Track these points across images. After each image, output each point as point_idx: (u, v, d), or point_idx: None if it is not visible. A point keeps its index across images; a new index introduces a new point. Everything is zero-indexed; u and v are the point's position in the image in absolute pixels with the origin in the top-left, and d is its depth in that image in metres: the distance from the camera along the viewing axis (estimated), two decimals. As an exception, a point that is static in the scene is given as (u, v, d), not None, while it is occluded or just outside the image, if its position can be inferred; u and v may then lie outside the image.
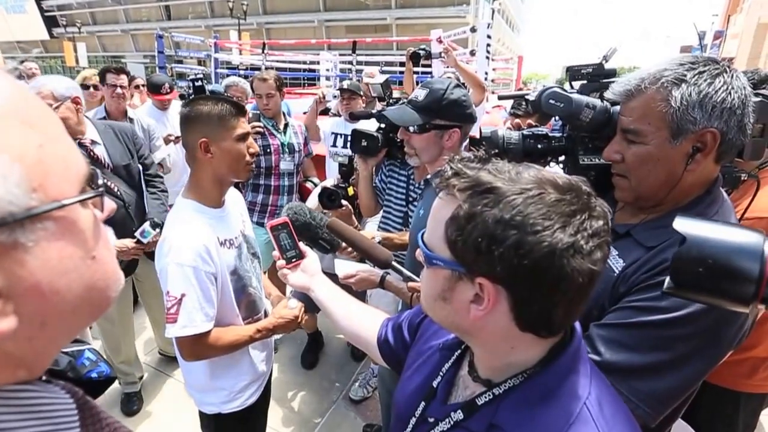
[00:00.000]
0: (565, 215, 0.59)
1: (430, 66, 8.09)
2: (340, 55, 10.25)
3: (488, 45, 6.71)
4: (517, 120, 1.55)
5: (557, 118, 1.41)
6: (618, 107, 1.13)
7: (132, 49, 47.40)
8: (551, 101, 1.20)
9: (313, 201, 2.78)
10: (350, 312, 1.25)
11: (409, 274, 1.42)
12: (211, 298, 1.48)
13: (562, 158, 1.41)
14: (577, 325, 0.74)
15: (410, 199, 2.40)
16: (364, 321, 1.22)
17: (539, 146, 1.38)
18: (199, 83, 3.38)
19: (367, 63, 9.69)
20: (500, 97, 1.87)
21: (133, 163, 2.63)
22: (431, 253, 0.70)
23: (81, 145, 2.38)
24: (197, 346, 1.49)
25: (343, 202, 2.40)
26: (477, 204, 0.62)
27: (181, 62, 12.40)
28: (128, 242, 2.44)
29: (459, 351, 0.86)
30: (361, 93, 3.71)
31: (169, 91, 3.96)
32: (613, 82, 1.25)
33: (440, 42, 7.30)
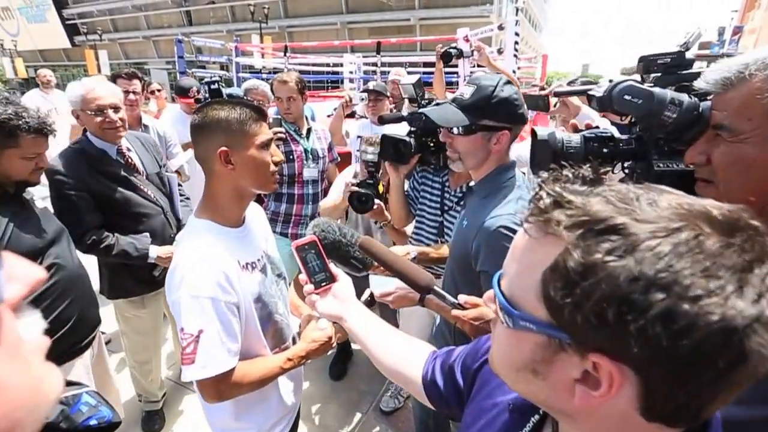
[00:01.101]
0: (738, 270, 0.40)
1: (455, 66, 7.91)
2: (363, 56, 10.11)
3: (516, 43, 6.49)
4: (573, 120, 1.36)
5: (626, 117, 1.22)
6: (708, 103, 0.95)
7: (154, 56, 48.08)
8: (626, 97, 1.01)
9: (334, 195, 2.68)
10: (389, 344, 1.08)
11: (453, 300, 1.24)
12: (233, 331, 1.30)
13: (627, 164, 1.22)
14: None
15: (445, 208, 2.23)
16: (405, 355, 1.06)
17: (605, 150, 1.19)
18: (215, 86, 3.23)
19: (391, 64, 9.53)
20: (556, 94, 1.68)
21: (162, 171, 2.61)
22: (517, 311, 0.52)
23: (119, 151, 2.38)
24: (221, 386, 1.31)
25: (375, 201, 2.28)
26: (596, 250, 0.43)
27: (203, 67, 12.44)
28: (171, 248, 2.39)
29: (537, 416, 0.68)
30: (388, 94, 3.56)
31: (197, 93, 3.88)
32: (693, 74, 1.07)
33: (467, 41, 7.11)
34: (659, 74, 1.12)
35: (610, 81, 1.19)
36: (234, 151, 1.30)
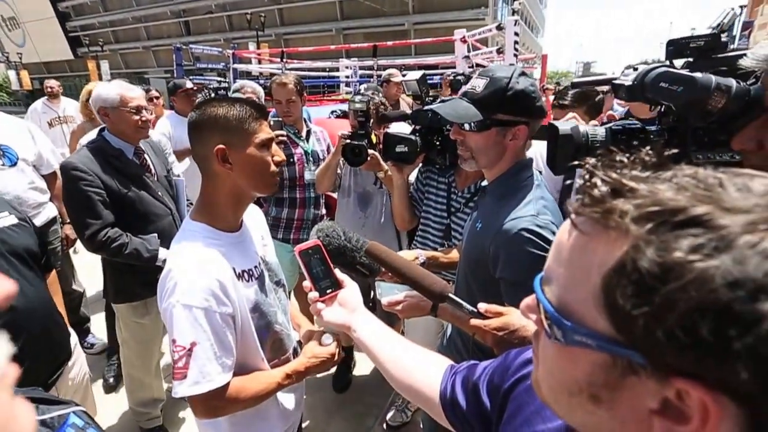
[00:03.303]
0: None
1: (455, 67, 7.85)
2: (360, 60, 10.08)
3: (515, 42, 6.47)
4: (611, 112, 1.27)
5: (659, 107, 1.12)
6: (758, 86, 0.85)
7: (154, 65, 48.47)
8: (663, 84, 0.91)
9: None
10: (401, 357, 0.97)
11: (471, 308, 1.14)
12: (228, 344, 1.22)
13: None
14: None
15: (452, 210, 2.13)
16: (420, 370, 0.95)
17: (634, 143, 1.09)
18: (222, 92, 3.16)
19: (387, 68, 9.50)
20: (574, 84, 1.58)
21: (170, 174, 2.63)
22: (570, 322, 0.43)
23: (135, 152, 2.41)
24: (215, 403, 1.22)
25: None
26: (676, 247, 0.35)
27: (201, 75, 12.37)
28: None
29: None
30: (381, 95, 3.50)
31: (191, 87, 3.81)
32: (732, 57, 0.98)
33: (464, 42, 7.09)
34: (692, 59, 1.03)
35: (634, 68, 1.10)
36: (232, 150, 1.23)
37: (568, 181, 2.33)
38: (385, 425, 2.83)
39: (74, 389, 1.87)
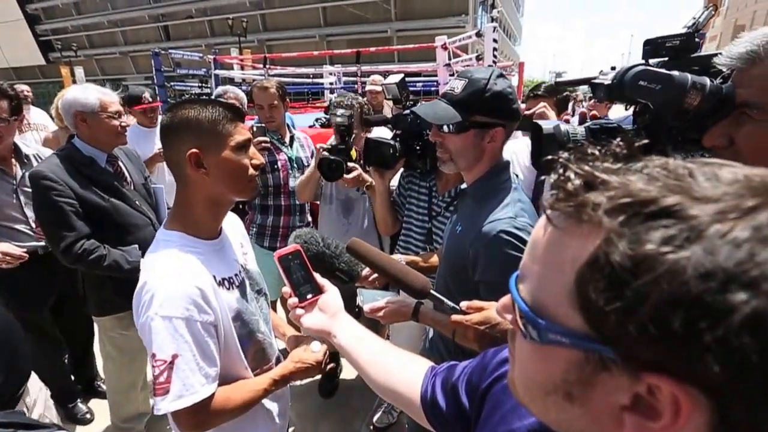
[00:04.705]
0: None
1: (435, 75, 7.89)
2: (343, 66, 10.09)
3: (494, 49, 6.53)
4: (594, 111, 1.29)
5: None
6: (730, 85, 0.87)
7: (132, 71, 47.78)
8: (642, 83, 0.92)
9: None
10: (383, 361, 0.96)
11: (452, 304, 1.15)
12: (211, 354, 1.16)
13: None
14: None
15: (434, 213, 2.13)
16: (401, 373, 0.94)
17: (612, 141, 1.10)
18: (206, 99, 3.09)
19: (370, 74, 9.52)
20: (558, 84, 1.60)
21: (147, 182, 2.52)
22: (543, 320, 0.42)
23: (108, 160, 2.30)
24: (200, 416, 1.16)
25: (349, 165, 2.20)
26: (647, 239, 0.34)
27: (182, 81, 12.21)
28: None
29: None
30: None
31: (151, 101, 3.64)
32: (706, 57, 0.99)
33: (445, 48, 7.14)
34: (667, 59, 1.04)
35: (612, 68, 1.11)
36: (207, 154, 1.18)
37: (542, 177, 2.36)
38: (371, 427, 2.83)
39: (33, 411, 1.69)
